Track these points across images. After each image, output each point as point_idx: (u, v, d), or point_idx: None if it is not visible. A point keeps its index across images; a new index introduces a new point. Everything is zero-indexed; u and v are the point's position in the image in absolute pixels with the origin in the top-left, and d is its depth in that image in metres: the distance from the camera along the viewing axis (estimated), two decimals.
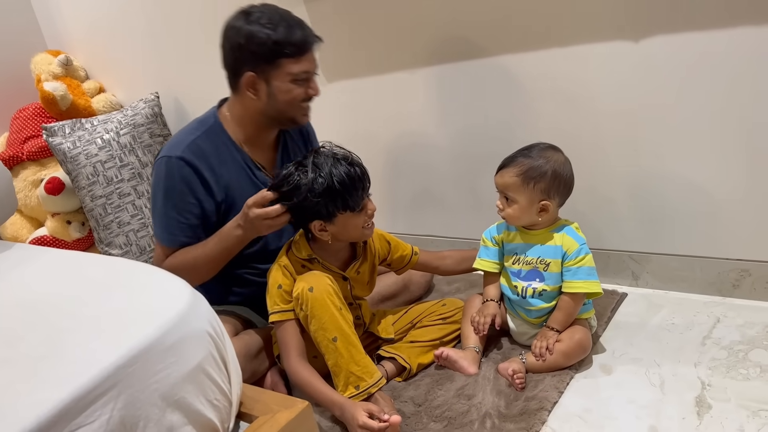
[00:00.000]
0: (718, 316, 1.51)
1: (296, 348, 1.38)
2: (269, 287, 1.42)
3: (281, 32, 1.43)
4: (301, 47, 1.45)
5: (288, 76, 1.47)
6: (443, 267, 1.66)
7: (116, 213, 2.36)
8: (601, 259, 1.69)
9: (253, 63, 1.46)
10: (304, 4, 2.01)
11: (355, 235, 1.41)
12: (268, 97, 1.50)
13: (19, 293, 1.15)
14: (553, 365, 1.39)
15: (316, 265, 1.42)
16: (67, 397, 0.80)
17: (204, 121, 1.57)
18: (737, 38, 1.38)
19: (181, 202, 1.50)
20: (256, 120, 1.56)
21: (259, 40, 1.43)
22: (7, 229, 2.66)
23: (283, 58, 1.45)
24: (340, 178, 1.32)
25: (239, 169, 1.57)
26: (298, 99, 1.51)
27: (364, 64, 2.00)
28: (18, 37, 2.81)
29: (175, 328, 0.93)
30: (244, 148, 1.58)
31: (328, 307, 1.32)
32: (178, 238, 1.51)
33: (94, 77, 2.86)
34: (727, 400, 1.23)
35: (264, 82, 1.48)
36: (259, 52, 1.44)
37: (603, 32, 1.54)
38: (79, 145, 2.35)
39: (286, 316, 1.39)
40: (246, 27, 1.44)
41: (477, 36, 1.73)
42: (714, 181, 1.52)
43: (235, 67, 1.50)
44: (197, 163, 1.49)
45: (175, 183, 1.49)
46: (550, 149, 1.43)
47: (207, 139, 1.53)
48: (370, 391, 1.31)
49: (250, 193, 1.50)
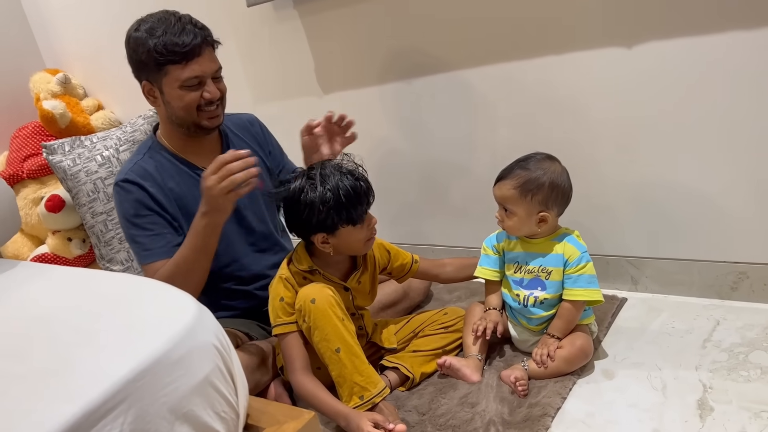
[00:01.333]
0: (718, 318, 1.53)
1: (300, 360, 1.38)
2: (271, 300, 1.43)
3: (164, 39, 1.42)
4: (187, 53, 1.44)
5: (176, 81, 1.46)
6: (443, 275, 1.67)
7: (117, 229, 2.36)
8: (600, 265, 1.70)
9: (145, 72, 1.48)
10: (299, 18, 2.03)
11: (356, 248, 1.42)
12: (165, 104, 1.51)
13: (28, 310, 1.16)
14: (555, 371, 1.40)
15: (317, 276, 1.43)
16: (79, 411, 0.81)
17: (144, 144, 1.61)
18: (733, 43, 1.40)
19: (141, 219, 1.51)
20: (170, 127, 1.57)
21: (144, 48, 1.44)
22: (9, 247, 2.66)
23: (169, 65, 1.45)
24: (346, 191, 1.33)
25: (187, 178, 1.57)
26: (193, 104, 1.50)
27: (359, 76, 2.02)
28: (16, 57, 2.83)
29: (183, 341, 0.94)
30: (186, 158, 1.59)
31: (331, 318, 1.33)
32: (154, 251, 1.51)
33: (93, 95, 2.88)
34: (728, 402, 1.24)
35: (158, 89, 1.50)
36: (146, 60, 1.45)
37: (596, 39, 1.56)
38: (78, 162, 2.36)
39: (289, 328, 1.39)
40: (134, 35, 1.46)
41: (471, 45, 1.75)
42: (710, 185, 1.54)
43: (136, 77, 1.53)
44: (141, 182, 1.51)
45: (129, 204, 1.52)
46: (548, 160, 1.44)
47: (149, 159, 1.56)
48: (375, 401, 1.32)
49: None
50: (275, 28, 2.11)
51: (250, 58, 2.20)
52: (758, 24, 1.36)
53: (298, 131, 1.61)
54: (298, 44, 2.08)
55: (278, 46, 2.14)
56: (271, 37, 2.13)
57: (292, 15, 2.04)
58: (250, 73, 2.25)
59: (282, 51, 2.14)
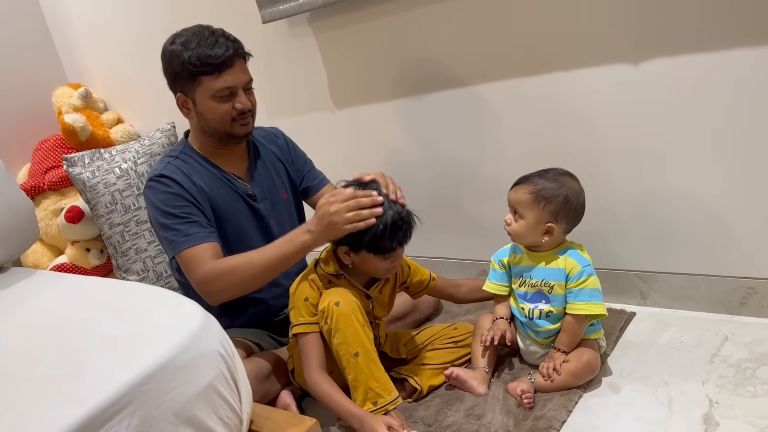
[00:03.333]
0: (726, 334, 1.52)
1: (318, 359, 1.40)
2: (295, 300, 1.44)
3: (198, 51, 1.47)
4: (219, 64, 1.49)
5: (209, 92, 1.51)
6: (458, 294, 1.69)
7: (134, 240, 2.41)
8: (609, 279, 1.71)
9: (179, 83, 1.53)
10: (313, 35, 2.07)
11: (373, 272, 1.45)
12: (198, 115, 1.56)
13: (41, 317, 1.20)
14: (561, 385, 1.40)
15: (342, 280, 1.45)
16: (86, 413, 0.84)
17: (175, 149, 1.65)
18: (741, 57, 1.40)
19: (177, 209, 1.52)
20: (202, 137, 1.61)
21: (179, 60, 1.49)
22: (29, 257, 2.73)
23: (203, 75, 1.49)
24: (386, 223, 1.35)
25: (217, 181, 1.61)
26: (225, 115, 1.54)
27: (370, 91, 2.05)
28: (39, 71, 2.91)
29: (188, 348, 0.96)
30: (216, 162, 1.63)
31: (353, 322, 1.35)
32: (194, 236, 1.49)
33: (113, 108, 2.95)
34: (734, 417, 1.24)
35: (191, 101, 1.55)
36: (180, 72, 1.50)
37: (603, 56, 1.57)
38: (98, 174, 2.42)
39: (310, 328, 1.41)
40: (169, 48, 1.52)
41: (480, 62, 1.77)
42: (720, 200, 1.54)
43: (171, 89, 1.58)
44: (176, 177, 1.54)
45: (165, 196, 1.53)
46: (567, 175, 1.45)
47: (181, 162, 1.59)
48: (387, 408, 1.33)
49: (232, 202, 1.57)
50: (290, 45, 2.15)
51: (265, 74, 2.24)
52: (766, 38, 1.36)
53: (311, 145, 1.64)
54: (312, 60, 2.12)
55: (292, 62, 2.18)
56: (286, 53, 2.18)
57: (306, 32, 2.08)
58: (264, 89, 2.29)
59: (296, 67, 2.18)
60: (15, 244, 1.64)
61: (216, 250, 1.50)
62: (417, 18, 1.84)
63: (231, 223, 1.60)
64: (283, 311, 1.72)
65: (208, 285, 1.45)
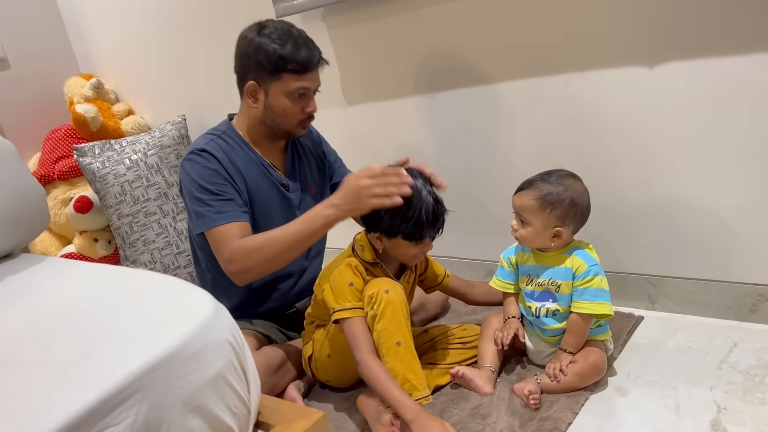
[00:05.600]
0: (735, 340, 1.51)
1: (368, 343, 1.37)
2: (337, 285, 1.42)
3: (288, 48, 1.49)
4: (305, 65, 1.52)
5: (286, 89, 1.53)
6: (470, 295, 1.69)
7: (142, 231, 2.42)
8: (618, 282, 1.70)
9: (257, 73, 1.54)
10: (327, 30, 2.07)
11: (402, 258, 1.47)
12: (265, 107, 1.57)
13: (52, 302, 1.20)
14: (568, 386, 1.40)
15: (378, 269, 1.46)
16: (95, 399, 0.84)
17: (218, 128, 1.65)
18: (755, 63, 1.40)
19: (214, 185, 1.53)
20: (256, 126, 1.62)
21: (266, 52, 1.50)
22: (37, 245, 2.74)
23: (285, 72, 1.51)
24: (428, 211, 1.37)
25: (255, 166, 1.63)
26: (294, 114, 1.57)
27: (382, 88, 2.05)
28: (52, 62, 2.93)
29: (198, 337, 0.96)
30: (255, 149, 1.65)
31: (399, 312, 1.35)
32: (227, 213, 1.50)
33: (124, 100, 2.96)
34: (743, 423, 1.23)
35: (264, 92, 1.55)
36: (264, 63, 1.51)
37: (617, 58, 1.57)
38: (108, 165, 2.43)
39: (356, 313, 1.40)
40: (257, 38, 1.52)
41: (492, 61, 1.77)
42: (730, 205, 1.53)
43: (241, 73, 1.58)
44: (217, 155, 1.56)
45: (204, 171, 1.54)
46: (571, 177, 1.45)
47: (223, 141, 1.60)
48: (421, 403, 1.32)
49: (267, 188, 1.58)
50: None
51: None
52: None
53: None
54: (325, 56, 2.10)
55: None
56: None
57: (320, 27, 2.08)
58: None
59: None
60: (26, 230, 1.64)
61: (246, 229, 1.51)
62: (430, 16, 1.84)
63: (261, 209, 1.62)
64: (294, 305, 1.73)
65: (234, 264, 1.46)
